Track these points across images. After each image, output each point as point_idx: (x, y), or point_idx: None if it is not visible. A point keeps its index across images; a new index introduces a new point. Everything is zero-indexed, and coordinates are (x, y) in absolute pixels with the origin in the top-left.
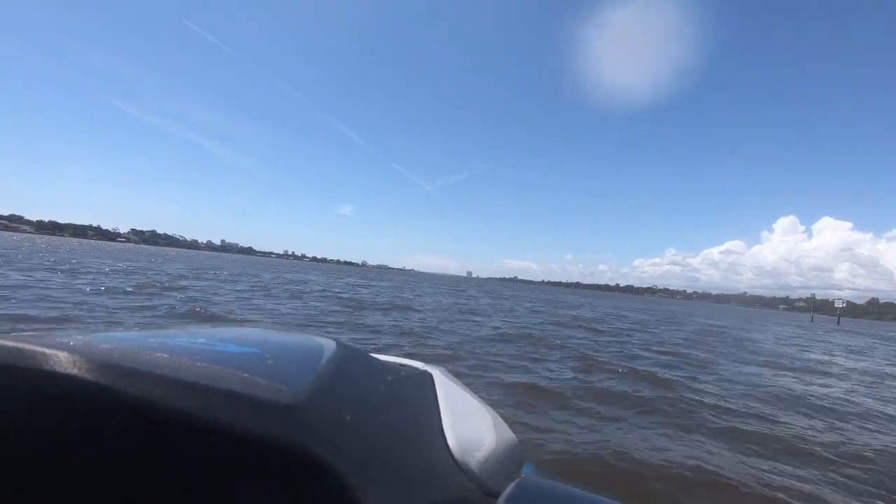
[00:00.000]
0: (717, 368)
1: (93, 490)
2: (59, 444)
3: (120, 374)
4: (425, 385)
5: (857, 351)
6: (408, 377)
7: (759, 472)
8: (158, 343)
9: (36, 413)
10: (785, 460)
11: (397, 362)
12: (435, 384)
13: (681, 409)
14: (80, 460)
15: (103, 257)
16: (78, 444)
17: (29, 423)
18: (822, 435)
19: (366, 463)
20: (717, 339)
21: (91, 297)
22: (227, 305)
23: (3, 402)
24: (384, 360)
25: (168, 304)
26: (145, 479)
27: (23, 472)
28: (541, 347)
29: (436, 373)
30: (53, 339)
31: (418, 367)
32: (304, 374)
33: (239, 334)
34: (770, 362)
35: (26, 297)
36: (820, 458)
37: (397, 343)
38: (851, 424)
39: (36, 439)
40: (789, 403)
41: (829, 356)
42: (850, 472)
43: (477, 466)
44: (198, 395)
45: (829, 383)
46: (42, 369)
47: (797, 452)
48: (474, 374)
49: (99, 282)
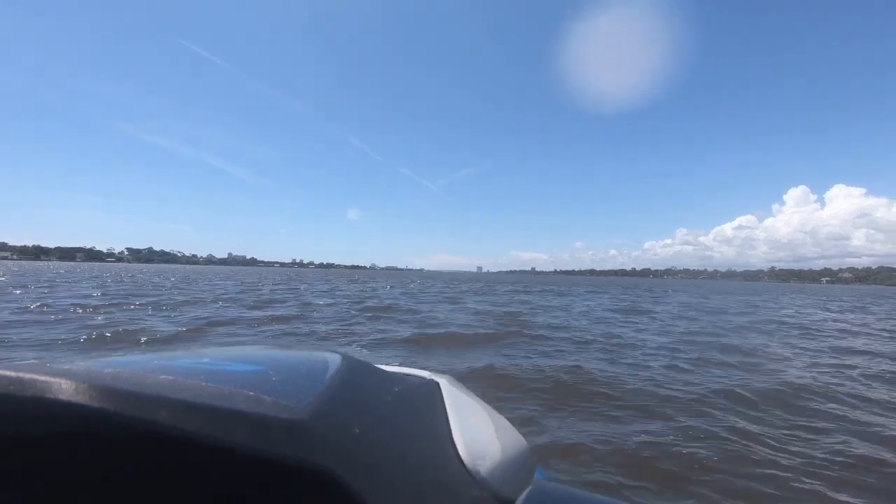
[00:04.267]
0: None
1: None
2: (64, 473)
3: (123, 398)
4: (433, 394)
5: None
6: (415, 387)
7: None
8: (162, 365)
9: (39, 442)
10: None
11: (403, 372)
12: (442, 392)
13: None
14: (86, 487)
15: (40, 282)
16: (84, 470)
17: (33, 452)
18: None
19: (376, 474)
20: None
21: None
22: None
23: (5, 431)
24: (390, 370)
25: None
26: (153, 502)
27: (29, 500)
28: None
29: (442, 381)
30: (54, 367)
31: (425, 377)
32: (310, 389)
33: (243, 353)
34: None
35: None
36: None
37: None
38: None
39: (41, 468)
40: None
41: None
42: None
43: (489, 474)
44: (203, 416)
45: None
46: (44, 398)
47: None
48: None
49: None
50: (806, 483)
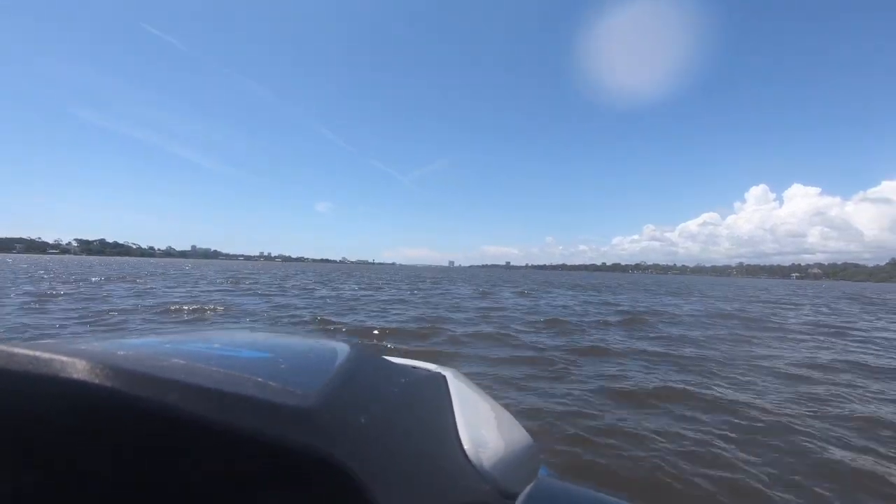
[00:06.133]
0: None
1: (110, 496)
2: (76, 451)
3: (136, 380)
4: (439, 387)
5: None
6: (421, 379)
7: None
8: (174, 349)
9: (53, 420)
10: None
11: (410, 364)
12: (448, 386)
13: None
14: (96, 467)
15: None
16: (95, 450)
17: (47, 430)
18: None
19: (381, 465)
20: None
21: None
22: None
23: (22, 409)
24: (397, 362)
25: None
26: (161, 483)
27: (40, 478)
28: None
29: (449, 374)
30: (70, 347)
31: (431, 369)
32: (318, 377)
33: (253, 339)
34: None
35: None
36: None
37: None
38: None
39: (53, 446)
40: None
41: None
42: None
43: (492, 468)
44: (212, 400)
45: None
46: (59, 377)
47: None
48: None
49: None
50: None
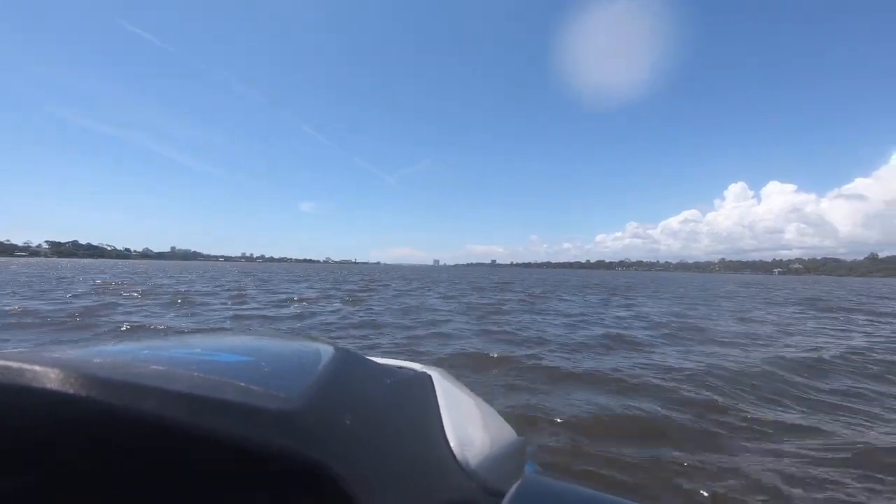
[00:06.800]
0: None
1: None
2: (51, 463)
3: (112, 388)
4: (425, 386)
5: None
6: (407, 379)
7: None
8: (152, 355)
9: (27, 432)
10: None
11: (395, 364)
12: (434, 385)
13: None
14: (74, 478)
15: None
16: (72, 461)
17: (19, 442)
18: None
19: (366, 466)
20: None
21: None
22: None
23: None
24: (382, 362)
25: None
26: (141, 492)
27: (18, 489)
28: None
29: (435, 374)
30: (42, 356)
31: (417, 369)
32: (301, 379)
33: (234, 343)
34: None
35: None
36: None
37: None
38: None
39: (28, 458)
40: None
41: None
42: None
43: (479, 466)
44: (192, 406)
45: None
46: (31, 387)
47: None
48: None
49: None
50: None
